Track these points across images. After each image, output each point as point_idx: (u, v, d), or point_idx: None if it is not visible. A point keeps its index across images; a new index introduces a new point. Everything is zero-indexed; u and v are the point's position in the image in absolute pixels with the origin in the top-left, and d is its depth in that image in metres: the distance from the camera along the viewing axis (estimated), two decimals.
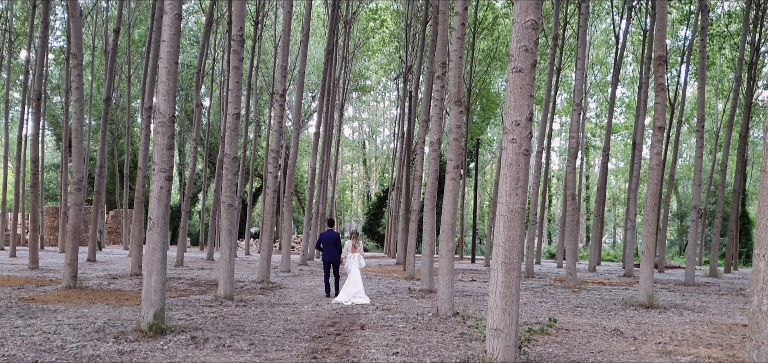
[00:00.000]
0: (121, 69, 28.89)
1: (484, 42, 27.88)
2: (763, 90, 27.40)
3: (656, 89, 10.38)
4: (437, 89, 11.02)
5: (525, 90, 4.83)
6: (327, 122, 24.04)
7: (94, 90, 31.21)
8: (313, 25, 34.40)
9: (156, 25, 14.15)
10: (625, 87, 39.78)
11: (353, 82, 36.36)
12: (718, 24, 24.00)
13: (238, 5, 9.37)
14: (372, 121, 55.75)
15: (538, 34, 4.96)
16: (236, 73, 9.58)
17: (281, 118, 13.65)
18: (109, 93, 18.11)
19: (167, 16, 6.43)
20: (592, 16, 28.15)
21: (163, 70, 6.35)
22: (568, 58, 27.86)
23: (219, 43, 28.26)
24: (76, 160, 11.02)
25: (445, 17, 11.10)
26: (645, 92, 18.89)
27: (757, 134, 34.15)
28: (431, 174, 10.58)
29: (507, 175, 4.83)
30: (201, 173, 36.88)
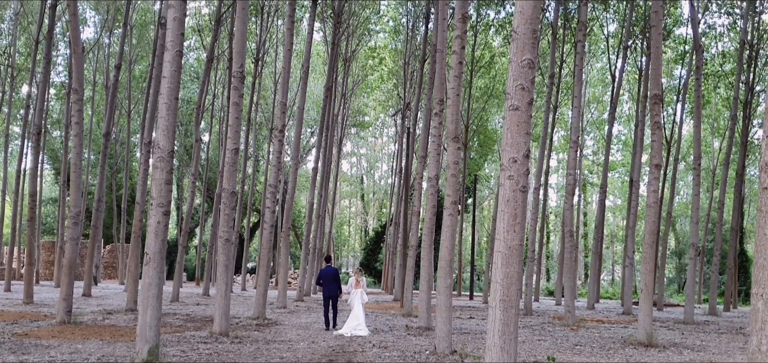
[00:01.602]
0: (121, 104, 29.08)
1: (481, 80, 28.15)
2: (758, 128, 27.61)
3: (652, 127, 10.47)
4: (435, 125, 11.10)
5: (522, 127, 4.87)
6: (325, 157, 24.13)
7: (94, 124, 31.37)
8: (313, 63, 34.76)
9: (157, 61, 14.29)
10: (622, 125, 40.07)
11: (352, 118, 36.59)
12: (713, 64, 24.30)
13: (239, 43, 9.48)
14: (370, 156, 55.96)
15: (535, 72, 5.02)
16: (236, 108, 9.66)
17: (280, 154, 13.71)
18: (108, 128, 18.19)
19: (168, 53, 6.51)
20: (588, 55, 28.50)
21: (163, 105, 6.40)
22: (565, 96, 28.12)
23: (219, 79, 28.51)
24: (74, 195, 11.03)
25: (443, 56, 11.23)
26: (641, 130, 19.03)
27: (753, 172, 34.30)
28: (429, 209, 10.58)
29: (504, 211, 4.84)
30: (199, 208, 36.85)
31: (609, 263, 51.69)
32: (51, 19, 15.30)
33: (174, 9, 6.47)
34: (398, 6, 27.16)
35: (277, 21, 26.61)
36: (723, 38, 24.22)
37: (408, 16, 25.99)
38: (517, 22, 4.87)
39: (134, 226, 13.64)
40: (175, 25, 6.47)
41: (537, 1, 4.90)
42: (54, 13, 15.42)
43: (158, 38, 14.66)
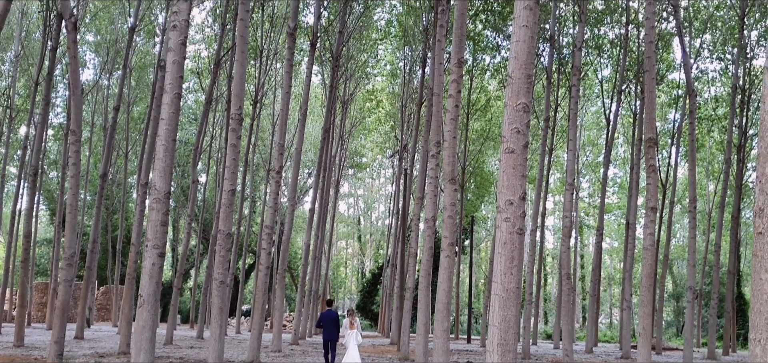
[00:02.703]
0: (119, 145, 29.17)
1: (477, 122, 28.38)
2: (752, 172, 27.78)
3: (647, 170, 10.54)
4: (432, 167, 11.15)
5: (517, 170, 4.90)
6: (322, 198, 24.14)
7: (92, 165, 31.42)
8: (311, 105, 35.04)
9: (156, 103, 14.40)
10: (617, 167, 40.28)
11: (349, 160, 36.74)
12: (706, 108, 24.56)
13: (238, 86, 9.58)
14: (367, 197, 56.01)
15: (529, 116, 5.08)
16: (233, 150, 9.70)
17: (277, 195, 13.72)
18: (105, 169, 18.21)
19: (167, 95, 6.57)
20: (582, 99, 28.81)
21: (160, 147, 6.43)
22: (560, 139, 28.33)
23: (217, 120, 28.67)
24: (69, 236, 10.98)
25: (439, 99, 11.35)
26: (637, 173, 19.13)
27: (748, 215, 34.36)
28: (426, 251, 10.56)
29: (501, 254, 4.84)
30: (194, 249, 36.66)
31: (607, 306, 51.34)
32: (51, 61, 15.45)
33: (173, 52, 6.56)
34: (395, 50, 27.53)
35: (276, 64, 26.92)
36: (715, 83, 24.55)
37: (405, 60, 26.33)
38: (512, 67, 4.95)
39: (129, 267, 13.55)
40: (174, 69, 6.55)
41: (531, 46, 4.98)
42: (54, 56, 15.59)
43: (157, 80, 14.80)
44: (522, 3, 4.90)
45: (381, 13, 25.23)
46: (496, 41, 21.90)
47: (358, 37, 24.89)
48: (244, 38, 9.56)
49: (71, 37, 10.67)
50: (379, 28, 25.34)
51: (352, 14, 22.07)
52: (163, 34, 17.57)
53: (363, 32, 24.94)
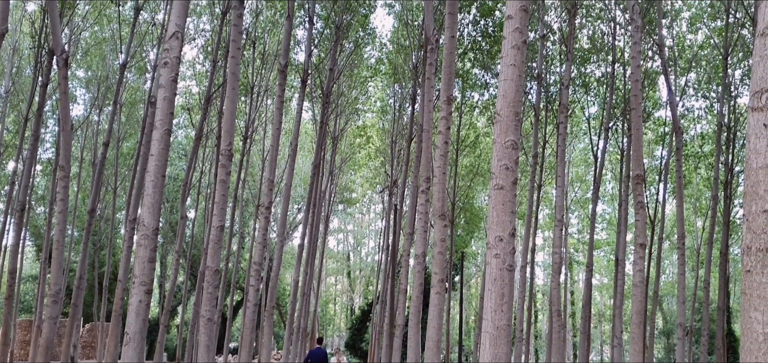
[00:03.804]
0: (107, 181, 29.03)
1: (467, 159, 28.55)
2: (739, 208, 28.02)
3: (636, 207, 10.61)
4: (422, 203, 11.17)
5: (507, 206, 4.93)
6: (312, 234, 24.05)
7: (79, 201, 31.18)
8: (301, 141, 35.14)
9: (145, 139, 14.39)
10: (606, 204, 40.52)
11: (339, 195, 36.73)
12: (693, 145, 24.87)
13: (228, 122, 9.61)
14: (357, 232, 55.86)
15: (518, 153, 5.12)
16: (223, 186, 9.68)
17: (266, 231, 13.66)
18: (94, 204, 18.09)
19: (157, 132, 6.58)
20: (570, 135, 29.10)
21: (149, 183, 6.42)
22: (549, 175, 28.52)
23: (207, 156, 28.66)
24: (55, 272, 10.85)
25: (429, 135, 11.43)
26: (625, 209, 19.25)
27: (737, 251, 34.57)
28: (416, 288, 10.52)
29: (492, 290, 4.84)
30: (181, 285, 36.28)
31: (597, 343, 51.11)
32: (41, 97, 15.45)
33: (164, 89, 6.59)
34: (385, 87, 27.78)
35: (267, 100, 27.05)
36: (701, 121, 24.91)
37: (395, 97, 26.56)
38: (500, 105, 5.01)
39: (115, 304, 13.38)
40: (164, 105, 6.57)
41: (519, 85, 5.06)
42: (45, 92, 15.59)
43: (147, 116, 14.81)
44: (510, 43, 4.99)
45: (371, 51, 25.53)
46: (485, 79, 22.17)
47: (349, 75, 25.13)
48: (235, 75, 9.62)
49: (62, 73, 10.69)
50: (369, 65, 25.61)
51: (343, 52, 22.31)
52: (154, 71, 17.65)
53: (353, 70, 25.20)
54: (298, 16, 19.81)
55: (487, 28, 19.23)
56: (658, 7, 15.05)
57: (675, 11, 21.04)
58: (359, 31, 22.17)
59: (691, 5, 21.16)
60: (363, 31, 22.45)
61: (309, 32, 16.45)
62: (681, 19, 21.69)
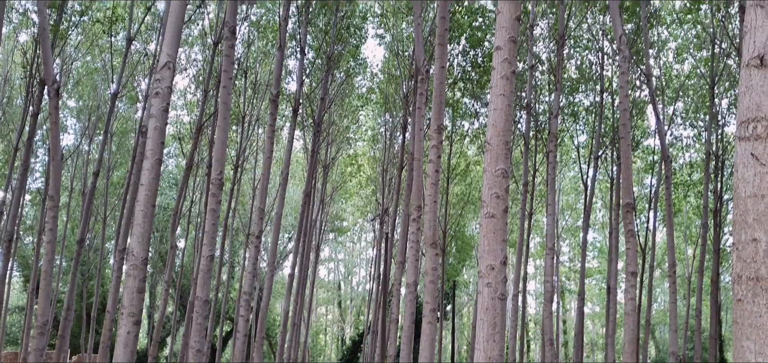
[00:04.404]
0: (97, 210, 28.83)
1: (457, 187, 28.64)
2: (729, 236, 28.17)
3: (626, 235, 10.64)
4: (413, 231, 11.16)
5: (498, 235, 4.93)
6: (302, 263, 23.92)
7: (68, 231, 30.90)
8: (292, 169, 35.14)
9: (136, 168, 14.34)
10: (597, 232, 40.63)
11: (330, 224, 36.63)
12: (682, 173, 25.07)
13: (219, 151, 9.60)
14: (348, 261, 55.61)
15: (508, 181, 5.14)
16: (213, 215, 9.64)
17: (256, 260, 13.57)
18: (83, 234, 17.94)
19: (148, 161, 6.56)
20: (560, 164, 29.28)
21: (139, 212, 6.38)
22: (539, 203, 28.61)
23: (197, 185, 28.57)
24: (43, 303, 10.71)
25: (420, 164, 11.46)
26: (616, 237, 19.31)
27: (728, 279, 34.67)
28: (407, 317, 10.45)
29: (483, 320, 4.81)
30: (171, 316, 35.87)
31: None
32: (32, 127, 15.40)
33: (155, 119, 6.59)
34: (376, 116, 27.92)
35: (258, 129, 27.09)
36: (690, 149, 25.15)
37: (386, 125, 26.69)
38: (490, 134, 5.04)
39: (103, 335, 13.19)
40: (155, 135, 6.56)
41: (508, 114, 5.10)
42: (35, 122, 15.55)
43: (138, 146, 14.78)
44: (499, 73, 5.04)
45: (362, 81, 25.71)
46: (475, 108, 22.34)
47: (340, 104, 25.25)
48: (226, 105, 9.65)
49: (53, 104, 10.67)
50: (360, 94, 25.77)
51: (334, 82, 22.44)
52: (145, 100, 17.67)
53: (345, 99, 25.33)
54: (290, 47, 19.95)
55: (476, 59, 19.43)
56: (645, 38, 15.28)
57: (662, 42, 21.36)
58: (350, 61, 22.34)
59: (677, 36, 21.49)
60: (354, 62, 22.62)
61: (300, 62, 16.55)
62: (668, 49, 22.01)
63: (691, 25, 20.37)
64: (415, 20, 11.71)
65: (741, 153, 2.68)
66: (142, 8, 18.72)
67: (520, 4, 5.11)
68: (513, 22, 5.03)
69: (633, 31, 18.33)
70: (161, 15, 18.02)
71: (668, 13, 20.22)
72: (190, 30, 21.33)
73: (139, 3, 18.31)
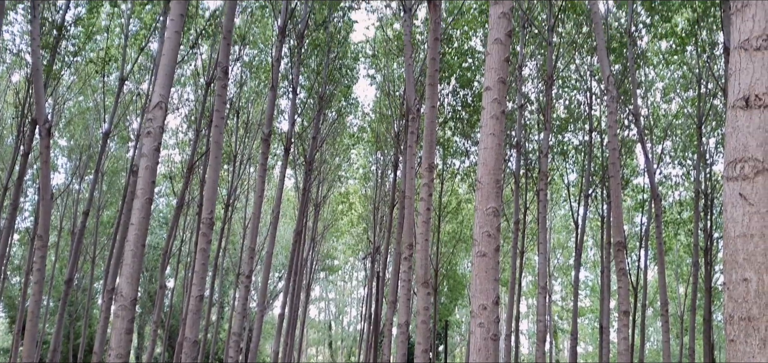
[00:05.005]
0: (86, 250, 28.57)
1: (449, 225, 28.63)
2: (720, 274, 28.23)
3: (618, 274, 10.65)
4: (405, 270, 11.11)
5: (490, 274, 4.92)
6: (293, 303, 23.70)
7: (56, 271, 30.54)
8: (283, 208, 35.05)
9: (126, 207, 14.26)
10: (588, 270, 40.62)
11: (321, 262, 36.42)
12: (671, 212, 25.21)
13: (210, 190, 9.58)
14: (339, 301, 55.16)
15: (500, 220, 5.16)
16: (203, 255, 9.57)
17: (246, 300, 13.44)
18: (71, 274, 17.73)
19: (138, 201, 6.54)
20: (550, 202, 29.39)
21: (128, 252, 6.33)
22: (531, 242, 28.63)
23: (188, 224, 28.42)
24: (28, 345, 10.52)
25: (411, 202, 11.48)
26: (607, 276, 19.30)
27: (720, 318, 34.60)
28: (399, 358, 10.33)
29: (476, 361, 4.77)
30: (159, 357, 35.27)
31: None
32: (22, 166, 15.33)
33: (146, 158, 6.59)
34: (368, 154, 28.03)
35: (250, 168, 27.10)
36: (679, 187, 25.34)
37: (377, 164, 26.78)
38: (481, 173, 5.07)
39: None
40: (146, 174, 6.55)
41: (499, 153, 5.14)
42: (26, 161, 15.49)
43: (129, 185, 14.72)
44: (488, 113, 5.10)
45: (354, 120, 25.87)
46: (465, 147, 22.49)
47: (332, 142, 25.35)
48: (218, 144, 9.66)
49: (44, 143, 10.65)
50: (352, 133, 25.91)
51: (326, 121, 22.57)
52: (136, 140, 17.67)
53: (336, 137, 25.44)
54: (282, 86, 20.10)
55: (466, 99, 19.64)
56: (633, 78, 15.52)
57: (649, 82, 21.69)
58: (342, 100, 22.51)
59: (664, 76, 21.85)
60: (346, 101, 22.80)
61: (292, 102, 16.66)
62: (655, 89, 22.35)
63: (677, 66, 20.73)
64: (406, 61, 11.85)
65: (729, 193, 2.71)
66: (135, 48, 18.85)
67: (509, 46, 5.19)
68: (502, 63, 5.10)
69: (620, 71, 18.63)
70: (154, 55, 18.15)
71: (654, 54, 20.59)
72: (183, 70, 21.47)
73: (132, 44, 18.44)
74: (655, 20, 17.26)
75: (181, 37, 7.03)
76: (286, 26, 14.30)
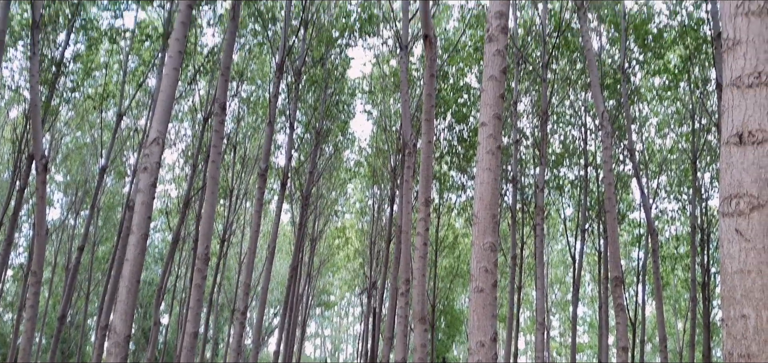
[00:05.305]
0: (80, 285, 28.33)
1: (446, 260, 28.53)
2: (718, 309, 28.11)
3: (616, 309, 10.59)
4: (401, 306, 11.03)
5: (487, 310, 4.89)
6: (288, 339, 23.45)
7: (50, 307, 30.23)
8: (279, 243, 34.91)
9: (121, 243, 14.19)
10: (586, 306, 40.40)
11: (317, 298, 36.15)
12: (668, 246, 25.19)
13: (206, 225, 9.55)
14: (335, 337, 54.63)
15: (497, 255, 5.14)
16: (198, 291, 9.50)
17: (240, 336, 13.30)
18: (64, 310, 17.56)
19: (133, 236, 6.51)
20: (547, 237, 29.35)
21: (123, 288, 6.28)
22: (528, 276, 28.52)
23: (183, 260, 28.26)
24: None
25: (408, 236, 11.45)
26: (605, 311, 19.20)
27: (719, 354, 34.35)
28: None
29: None
30: None
31: None
32: (18, 201, 15.28)
33: (142, 194, 6.58)
34: (364, 189, 28.05)
35: (246, 203, 27.06)
36: (675, 222, 25.37)
37: (374, 198, 26.79)
38: (478, 208, 5.07)
39: None
40: (142, 210, 6.54)
41: (495, 188, 5.15)
42: (21, 196, 15.45)
43: (124, 220, 14.68)
44: (484, 148, 5.12)
45: (350, 154, 25.96)
46: (462, 181, 22.54)
47: (328, 177, 25.38)
48: (214, 179, 9.67)
49: (41, 178, 10.64)
50: (348, 168, 25.97)
51: (323, 155, 22.64)
52: (133, 175, 17.67)
53: (333, 172, 25.49)
54: (280, 122, 20.20)
55: (462, 134, 19.75)
56: (627, 114, 15.65)
57: (643, 117, 21.87)
58: (339, 135, 22.61)
59: (658, 112, 22.04)
60: (343, 136, 22.89)
61: (290, 137, 16.72)
62: (649, 125, 22.52)
63: (671, 102, 20.93)
64: (403, 97, 11.95)
65: (725, 229, 2.72)
66: (133, 84, 18.97)
67: (504, 82, 5.24)
68: (497, 100, 5.15)
69: (614, 107, 18.79)
70: (152, 91, 18.26)
71: (648, 90, 20.80)
72: (180, 105, 21.58)
73: (130, 80, 18.56)
74: (648, 57, 17.48)
75: (179, 73, 7.08)
76: (284, 63, 14.44)
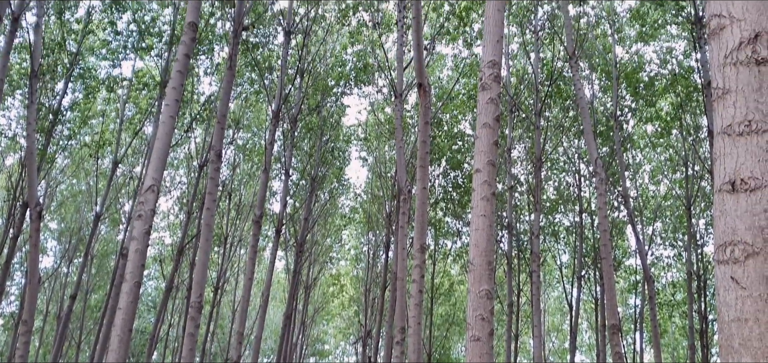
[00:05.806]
0: (72, 334, 27.90)
1: (442, 307, 28.30)
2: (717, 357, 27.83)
3: (614, 357, 10.48)
4: (397, 355, 10.89)
5: (484, 359, 4.83)
6: None
7: (40, 357, 29.69)
8: (273, 290, 34.60)
9: (114, 291, 14.04)
10: (584, 354, 39.93)
11: (311, 347, 35.66)
12: (665, 293, 25.09)
13: (200, 273, 9.49)
14: None
15: (493, 302, 5.11)
16: (191, 339, 9.37)
17: None
18: (55, 360, 17.26)
19: (127, 284, 6.46)
20: (544, 284, 29.21)
21: (115, 338, 6.20)
22: (525, 324, 28.27)
23: (176, 308, 27.94)
24: None
25: (403, 283, 11.38)
26: (603, 359, 18.97)
27: None
28: None
29: None
30: None
31: None
32: (11, 249, 15.16)
33: (136, 241, 6.55)
34: (360, 235, 27.97)
35: (240, 250, 26.91)
36: (671, 268, 25.32)
37: (369, 244, 26.69)
38: (473, 254, 5.07)
39: None
40: (136, 257, 6.50)
41: (490, 234, 5.15)
42: (15, 244, 15.33)
43: (118, 268, 14.55)
44: (479, 194, 5.14)
45: (346, 201, 25.97)
46: (457, 227, 22.52)
47: (323, 223, 25.33)
48: (209, 226, 9.64)
49: (35, 226, 10.59)
50: (343, 214, 25.94)
51: (318, 202, 22.64)
52: (127, 222, 17.60)
53: (328, 218, 25.45)
54: (275, 169, 20.25)
55: (456, 180, 19.83)
56: (620, 161, 15.77)
57: (637, 164, 22.03)
58: (334, 182, 22.66)
59: (651, 159, 22.21)
60: (338, 182, 22.94)
61: (285, 184, 16.75)
62: (643, 171, 22.67)
63: (663, 149, 21.12)
64: (397, 144, 12.03)
65: (721, 277, 2.72)
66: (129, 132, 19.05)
67: (498, 129, 5.30)
68: (491, 147, 5.19)
69: (608, 154, 18.95)
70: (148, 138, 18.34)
71: (641, 137, 21.01)
72: (176, 153, 21.64)
73: (127, 127, 18.65)
74: (640, 104, 17.71)
75: (175, 121, 7.13)
76: (280, 111, 14.56)
